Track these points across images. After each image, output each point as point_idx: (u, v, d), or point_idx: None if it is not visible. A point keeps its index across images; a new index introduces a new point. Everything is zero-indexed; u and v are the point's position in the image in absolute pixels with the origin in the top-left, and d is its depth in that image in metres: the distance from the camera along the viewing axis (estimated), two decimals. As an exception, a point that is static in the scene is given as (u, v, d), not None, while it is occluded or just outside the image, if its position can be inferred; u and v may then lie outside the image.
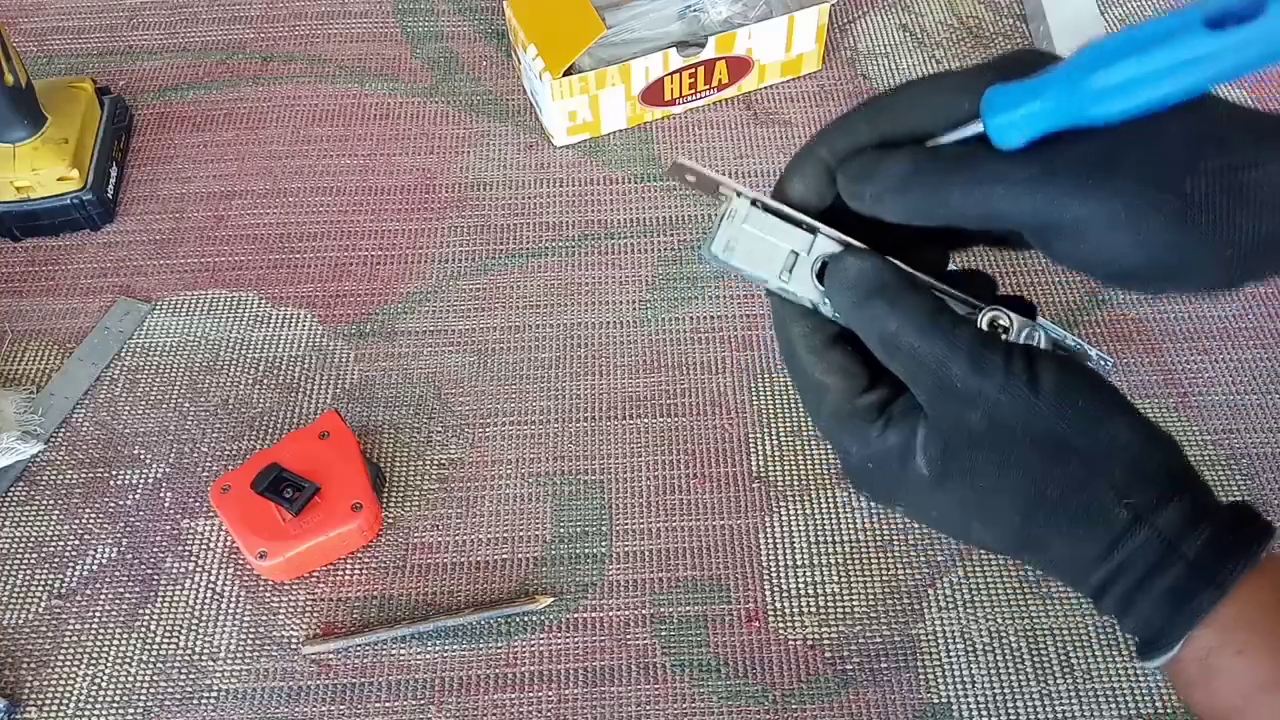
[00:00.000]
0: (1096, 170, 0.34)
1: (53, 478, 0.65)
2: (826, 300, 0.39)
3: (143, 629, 0.59)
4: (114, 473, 0.65)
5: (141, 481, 0.64)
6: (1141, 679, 0.56)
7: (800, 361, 0.39)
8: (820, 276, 0.38)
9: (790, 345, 0.39)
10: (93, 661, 0.58)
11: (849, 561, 0.60)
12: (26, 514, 0.63)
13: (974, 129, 0.35)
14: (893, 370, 0.37)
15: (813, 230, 0.38)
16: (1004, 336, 0.38)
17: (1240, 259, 0.35)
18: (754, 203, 0.38)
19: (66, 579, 0.61)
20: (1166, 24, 0.32)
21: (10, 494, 0.64)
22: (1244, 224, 0.34)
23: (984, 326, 0.37)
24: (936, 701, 0.56)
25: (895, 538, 0.61)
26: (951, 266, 0.42)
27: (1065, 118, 0.33)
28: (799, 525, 0.62)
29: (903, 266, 0.38)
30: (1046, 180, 0.34)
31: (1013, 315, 0.38)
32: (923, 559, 0.60)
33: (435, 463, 0.65)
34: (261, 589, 0.60)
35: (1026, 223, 0.36)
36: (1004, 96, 0.34)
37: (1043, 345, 0.38)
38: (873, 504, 0.62)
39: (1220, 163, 0.34)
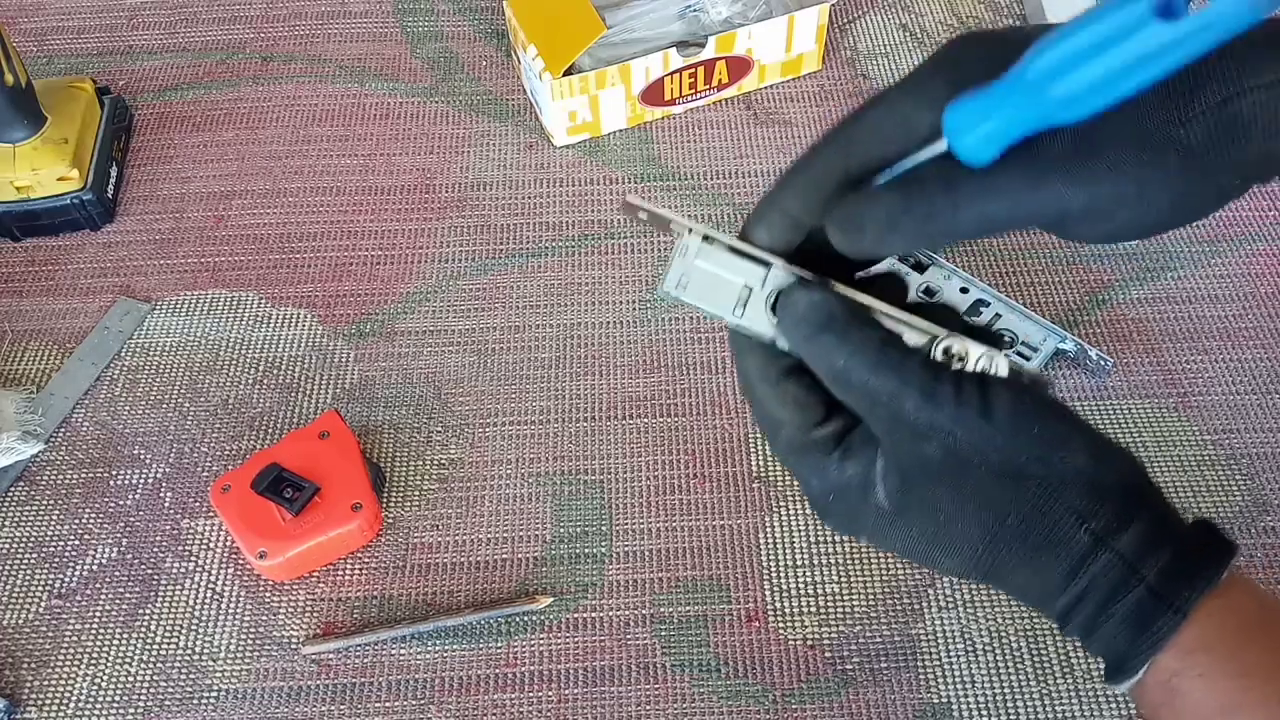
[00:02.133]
0: (1087, 157, 0.33)
1: (53, 478, 0.65)
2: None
3: (143, 629, 0.59)
4: (114, 473, 0.65)
5: (141, 481, 0.65)
6: (1141, 679, 0.56)
7: (756, 394, 0.39)
8: (775, 309, 0.38)
9: (746, 378, 0.39)
10: (93, 661, 0.58)
11: (849, 561, 0.60)
12: (26, 514, 0.63)
13: (941, 147, 0.34)
14: (847, 405, 0.37)
15: (765, 264, 0.38)
16: (959, 365, 0.37)
17: (1244, 184, 0.35)
18: (706, 238, 0.38)
19: (66, 579, 0.61)
20: (1114, 18, 0.30)
21: (10, 494, 0.64)
22: (1245, 152, 0.34)
23: (938, 355, 0.37)
24: (936, 701, 0.56)
25: (895, 538, 0.61)
26: (913, 297, 0.42)
27: (1032, 125, 0.32)
28: (799, 525, 0.62)
29: (858, 296, 0.37)
30: (1039, 182, 0.34)
31: (969, 343, 0.37)
32: (923, 559, 0.60)
33: (435, 463, 0.65)
34: (261, 589, 0.60)
35: (1033, 223, 0.35)
36: (964, 116, 0.33)
37: (1000, 373, 0.37)
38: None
39: (1206, 103, 0.33)
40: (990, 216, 0.34)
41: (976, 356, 0.37)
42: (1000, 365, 0.37)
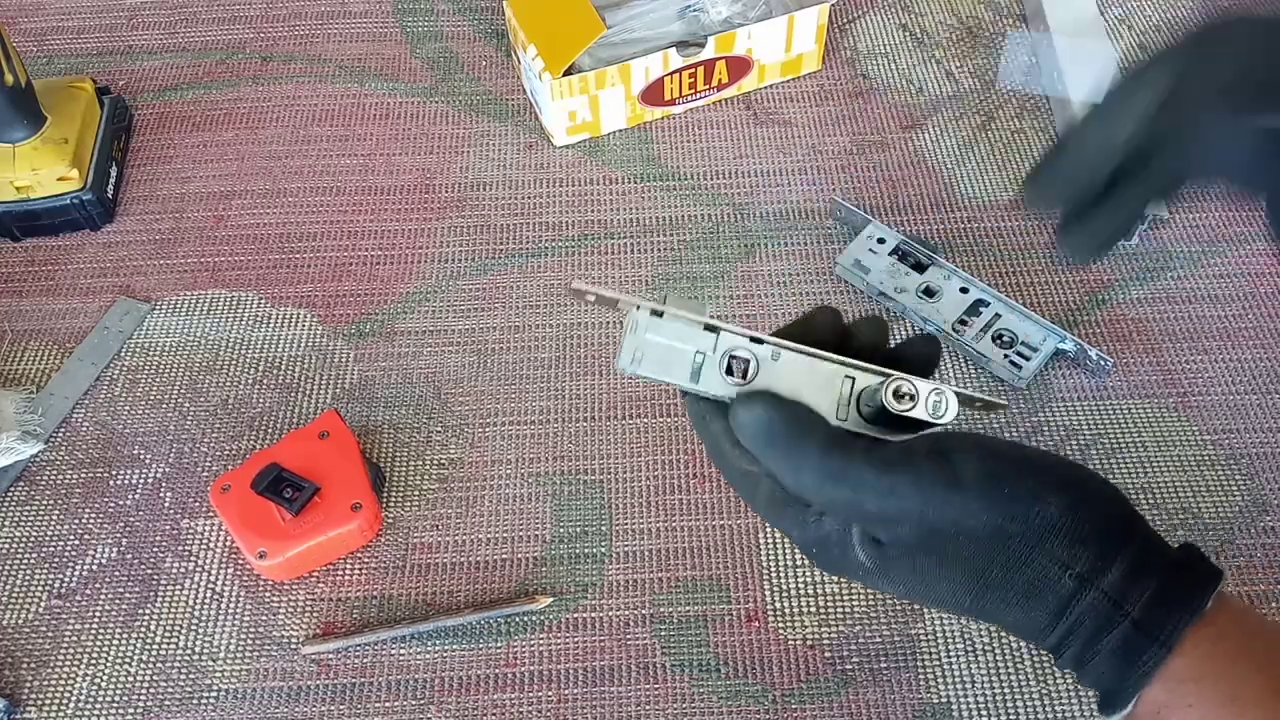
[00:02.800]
0: None
1: (52, 478, 0.65)
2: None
3: (142, 629, 0.59)
4: (114, 472, 0.65)
5: (141, 481, 0.65)
6: (1141, 679, 0.56)
7: (726, 458, 0.39)
8: (729, 370, 0.38)
9: (713, 440, 0.39)
10: (92, 661, 0.58)
11: (849, 561, 0.60)
12: (26, 514, 0.63)
13: None
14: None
15: (714, 329, 0.38)
16: (910, 404, 0.37)
17: None
18: (654, 312, 0.38)
19: (66, 579, 0.61)
20: None
21: (10, 494, 0.64)
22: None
23: (889, 398, 0.37)
24: (936, 701, 0.56)
25: (895, 538, 0.61)
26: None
27: None
28: (799, 525, 0.62)
29: (796, 348, 0.38)
30: None
31: (917, 382, 0.38)
32: (922, 559, 0.60)
33: (435, 463, 0.65)
34: (261, 589, 0.60)
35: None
36: None
37: (951, 406, 0.38)
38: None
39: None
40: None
41: (926, 393, 0.37)
42: (950, 400, 0.38)
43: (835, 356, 0.39)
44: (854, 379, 0.39)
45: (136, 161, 0.80)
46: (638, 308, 0.38)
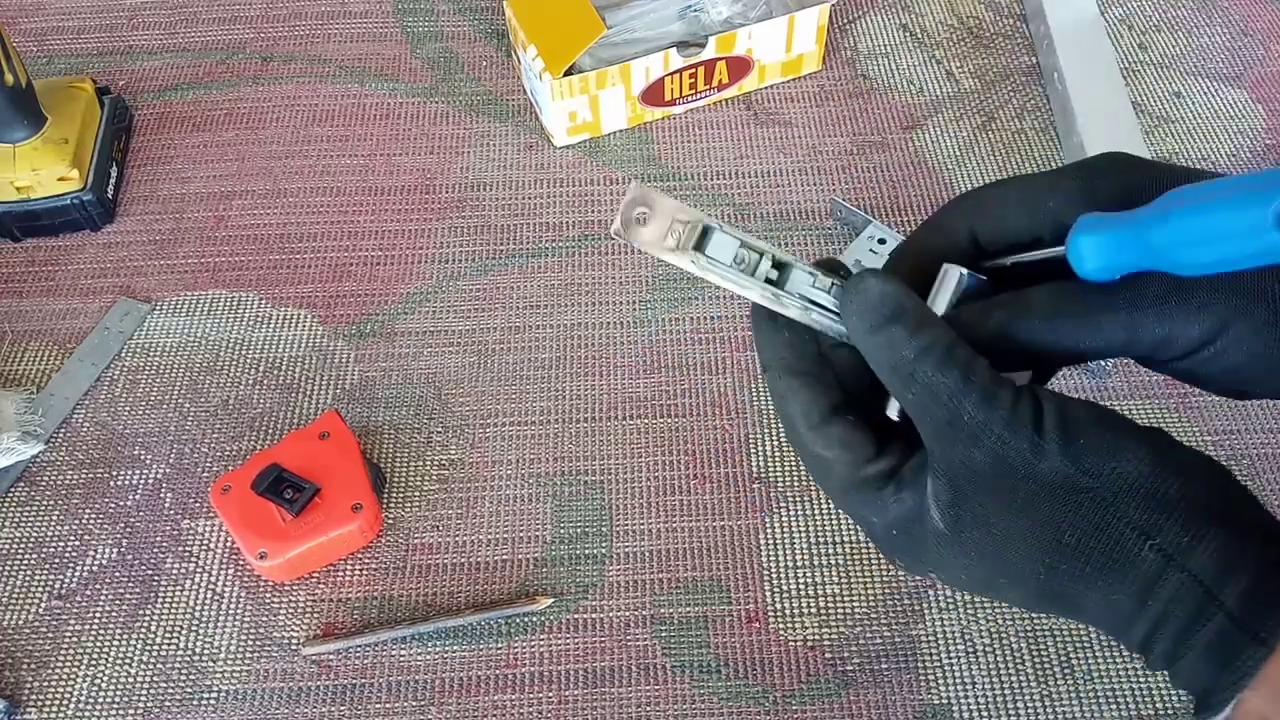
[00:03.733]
0: (1181, 299, 0.36)
1: (53, 478, 0.65)
2: (824, 318, 0.38)
3: (143, 630, 0.59)
4: (114, 473, 0.65)
5: (142, 482, 0.64)
6: (1142, 680, 0.56)
7: (802, 438, 0.38)
8: (776, 284, 0.38)
9: (790, 423, 0.38)
10: (93, 662, 0.58)
11: (849, 562, 0.60)
12: (27, 514, 0.63)
13: (1059, 252, 0.37)
14: (901, 402, 0.36)
15: (780, 265, 0.38)
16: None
17: None
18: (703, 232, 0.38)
19: (67, 580, 0.61)
20: (1240, 219, 0.32)
21: (10, 494, 0.64)
22: None
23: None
24: (937, 702, 0.56)
25: (895, 538, 0.61)
26: None
27: (1146, 268, 0.35)
28: (799, 526, 0.62)
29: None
30: (1134, 321, 0.36)
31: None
32: (923, 560, 0.60)
33: (435, 463, 0.65)
34: (262, 590, 0.60)
35: (1125, 354, 0.37)
36: (1091, 246, 0.35)
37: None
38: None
39: None
40: (1084, 349, 0.37)
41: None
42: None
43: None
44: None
45: (137, 162, 0.80)
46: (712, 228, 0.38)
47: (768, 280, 0.38)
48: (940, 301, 0.38)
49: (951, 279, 0.38)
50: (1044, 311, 0.37)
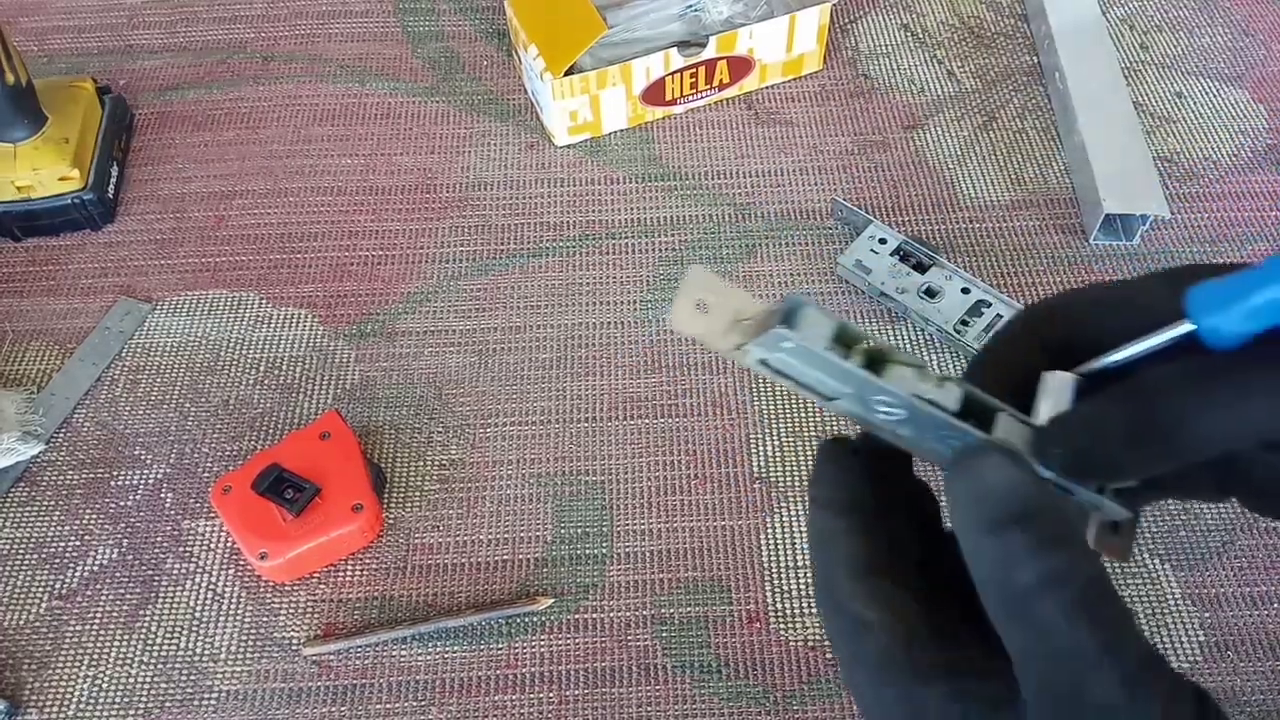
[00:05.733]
0: None
1: (53, 478, 0.65)
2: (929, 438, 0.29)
3: (143, 630, 0.59)
4: (115, 473, 0.65)
5: (142, 482, 0.64)
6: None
7: (838, 590, 0.29)
8: (935, 440, 0.28)
9: (826, 571, 0.29)
10: (94, 663, 0.58)
11: (850, 562, 0.60)
12: (27, 515, 0.63)
13: (1181, 330, 0.29)
14: (1001, 635, 0.26)
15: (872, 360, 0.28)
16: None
17: None
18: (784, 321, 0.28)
19: (67, 580, 0.61)
20: None
21: (11, 495, 0.64)
22: None
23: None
24: (938, 703, 0.56)
25: (896, 539, 0.61)
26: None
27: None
28: (800, 526, 0.62)
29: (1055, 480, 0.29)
30: None
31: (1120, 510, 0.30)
32: (924, 560, 0.60)
33: (436, 463, 0.65)
34: (262, 590, 0.60)
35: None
36: (1214, 293, 0.28)
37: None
38: None
39: None
40: (1243, 424, 0.27)
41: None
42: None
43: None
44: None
45: (137, 161, 0.80)
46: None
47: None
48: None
49: (1058, 388, 0.29)
50: (1183, 384, 0.28)
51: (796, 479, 0.64)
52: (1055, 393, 0.29)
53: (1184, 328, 0.28)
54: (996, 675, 0.27)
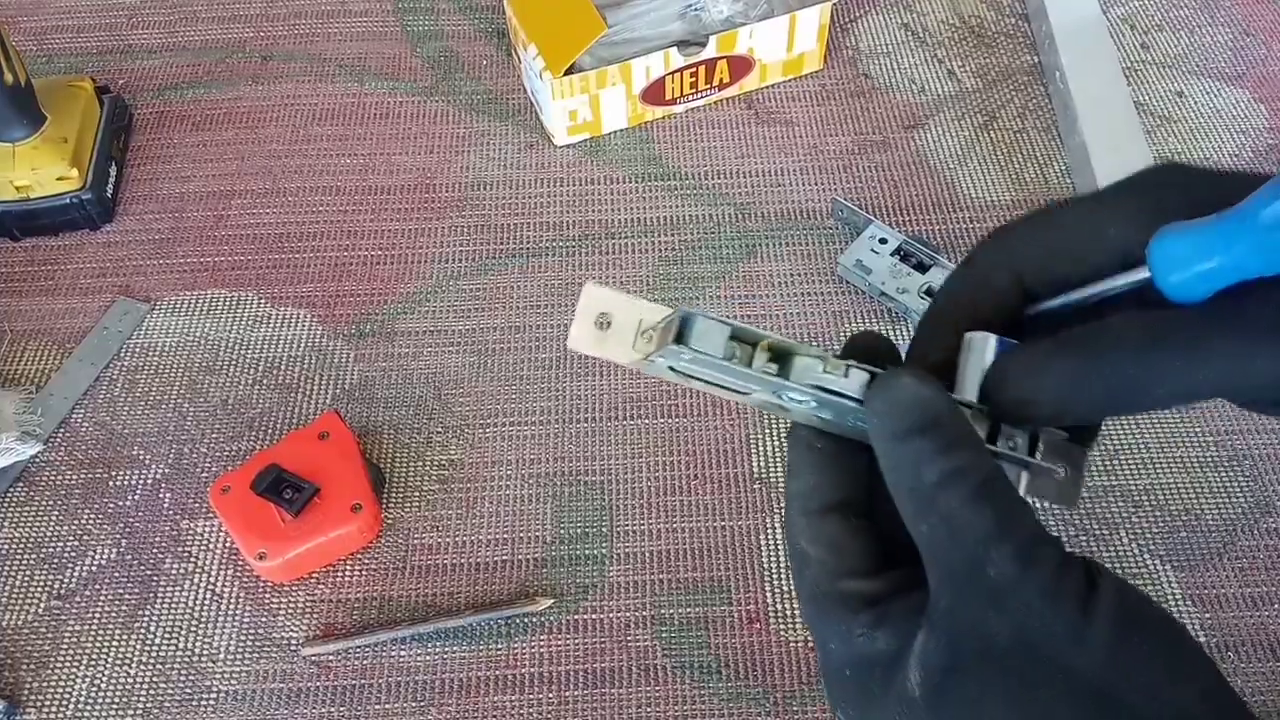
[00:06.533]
0: None
1: (52, 478, 0.65)
2: (843, 417, 0.30)
3: (142, 630, 0.59)
4: (113, 473, 0.65)
5: (141, 482, 0.64)
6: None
7: (790, 521, 0.31)
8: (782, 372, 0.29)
9: (787, 502, 0.32)
10: (92, 663, 0.58)
11: (850, 563, 0.60)
12: (26, 515, 0.63)
13: (1139, 276, 0.29)
14: (912, 533, 0.28)
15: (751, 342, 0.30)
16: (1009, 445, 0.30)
17: None
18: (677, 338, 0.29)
19: (66, 580, 0.61)
20: None
21: (9, 495, 0.64)
22: None
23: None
24: (938, 703, 0.56)
25: (896, 539, 0.61)
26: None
27: (1253, 272, 0.27)
28: (800, 526, 0.62)
29: (959, 401, 0.30)
30: (1252, 348, 0.27)
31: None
32: (924, 560, 0.60)
33: (435, 463, 0.65)
34: (261, 590, 0.60)
35: (1232, 394, 0.29)
36: (1178, 248, 0.28)
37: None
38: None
39: None
40: (1185, 388, 0.28)
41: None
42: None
43: (976, 404, 0.30)
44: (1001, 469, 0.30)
45: (136, 161, 0.80)
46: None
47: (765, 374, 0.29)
48: (971, 380, 0.30)
49: (982, 349, 0.30)
50: (1136, 341, 0.28)
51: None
52: (976, 358, 0.30)
53: (1145, 274, 0.29)
54: (918, 588, 0.29)
